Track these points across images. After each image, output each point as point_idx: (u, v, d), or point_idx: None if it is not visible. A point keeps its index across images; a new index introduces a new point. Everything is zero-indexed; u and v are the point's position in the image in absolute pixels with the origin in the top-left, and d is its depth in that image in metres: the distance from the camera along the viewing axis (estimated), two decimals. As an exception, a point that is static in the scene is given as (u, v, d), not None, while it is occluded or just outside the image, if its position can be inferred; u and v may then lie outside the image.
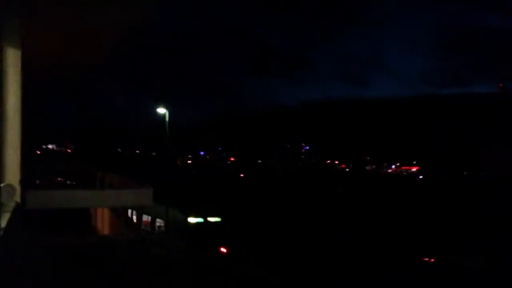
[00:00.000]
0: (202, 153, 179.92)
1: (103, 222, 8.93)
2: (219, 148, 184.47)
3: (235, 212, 28.22)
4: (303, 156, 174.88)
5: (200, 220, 20.41)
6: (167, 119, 39.50)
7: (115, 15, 7.12)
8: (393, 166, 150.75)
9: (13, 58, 4.99)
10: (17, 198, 4.80)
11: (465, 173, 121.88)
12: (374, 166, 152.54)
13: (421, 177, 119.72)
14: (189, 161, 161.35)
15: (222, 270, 9.16)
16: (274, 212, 35.29)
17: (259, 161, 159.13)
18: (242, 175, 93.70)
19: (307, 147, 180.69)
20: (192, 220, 19.60)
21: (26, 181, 5.38)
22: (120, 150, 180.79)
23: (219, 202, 34.69)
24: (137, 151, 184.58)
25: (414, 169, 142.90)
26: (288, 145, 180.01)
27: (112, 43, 8.80)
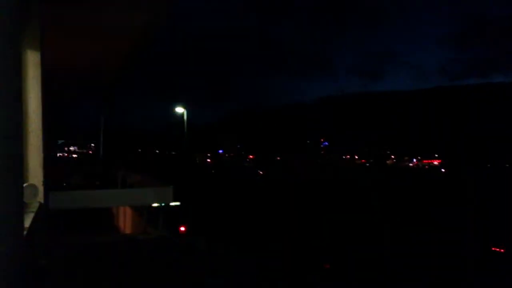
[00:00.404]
0: (221, 151, 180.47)
1: (125, 221, 9.01)
2: (238, 146, 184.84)
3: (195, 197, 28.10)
4: (322, 152, 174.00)
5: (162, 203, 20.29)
6: (185, 118, 39.79)
7: (133, 18, 7.16)
8: (414, 160, 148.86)
9: (33, 60, 5.04)
10: (41, 198, 4.86)
11: (488, 165, 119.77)
12: (394, 160, 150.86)
13: (443, 170, 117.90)
14: (208, 160, 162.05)
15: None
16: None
17: (278, 158, 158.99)
18: (261, 172, 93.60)
19: (326, 143, 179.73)
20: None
21: (49, 182, 5.44)
22: (140, 150, 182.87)
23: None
24: (157, 151, 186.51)
25: (436, 163, 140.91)
26: (308, 141, 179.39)
27: (131, 45, 8.84)
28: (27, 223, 3.51)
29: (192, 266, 7.28)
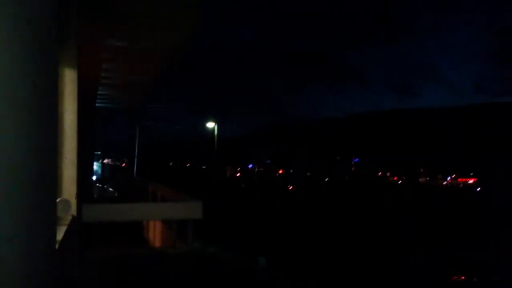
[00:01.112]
0: (250, 166, 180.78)
1: (155, 235, 9.11)
2: (268, 161, 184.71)
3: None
4: (353, 168, 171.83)
5: None
6: (216, 133, 40.21)
7: (166, 35, 7.34)
8: (449, 178, 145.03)
9: (69, 76, 5.21)
10: (74, 211, 4.98)
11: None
12: (428, 178, 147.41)
13: (478, 189, 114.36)
14: (238, 174, 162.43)
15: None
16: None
17: (308, 173, 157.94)
18: (290, 187, 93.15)
19: (357, 159, 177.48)
20: None
21: (82, 195, 5.57)
22: (171, 164, 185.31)
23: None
24: (188, 164, 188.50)
25: (471, 181, 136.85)
26: (338, 157, 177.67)
27: (164, 61, 9.03)
28: (60, 236, 3.59)
29: (220, 280, 7.27)
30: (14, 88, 1.59)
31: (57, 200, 3.88)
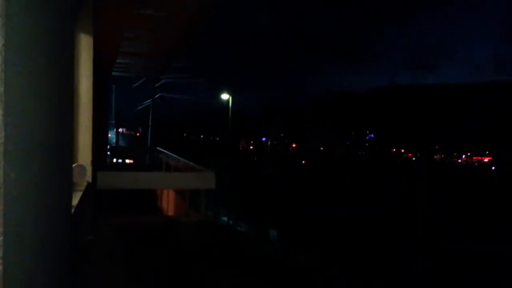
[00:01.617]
0: (264, 139, 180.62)
1: (168, 204, 9.23)
2: (281, 135, 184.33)
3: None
4: (366, 144, 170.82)
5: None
6: (230, 105, 40.10)
7: (184, 4, 7.25)
8: (464, 156, 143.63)
9: (85, 43, 5.20)
10: (89, 178, 5.05)
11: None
12: (442, 156, 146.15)
13: (493, 168, 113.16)
14: (251, 147, 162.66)
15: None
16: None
17: (322, 148, 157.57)
18: (303, 161, 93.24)
19: (371, 135, 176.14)
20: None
21: (97, 162, 5.64)
22: (185, 135, 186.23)
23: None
24: (201, 136, 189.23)
25: (486, 160, 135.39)
26: (353, 132, 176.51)
27: (182, 29, 8.95)
28: (75, 201, 3.65)
29: (231, 249, 7.38)
30: (28, 55, 1.59)
31: (73, 165, 3.93)
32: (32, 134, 1.59)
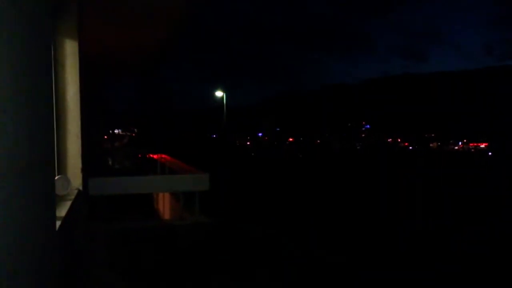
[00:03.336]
0: (260, 134, 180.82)
1: (164, 207, 9.17)
2: (277, 129, 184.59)
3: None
4: (363, 135, 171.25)
5: None
6: (225, 102, 39.99)
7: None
8: (460, 143, 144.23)
9: (70, 48, 5.09)
10: (79, 185, 4.96)
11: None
12: (439, 143, 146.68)
13: (490, 154, 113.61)
14: (248, 143, 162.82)
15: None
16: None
17: (318, 141, 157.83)
18: (300, 155, 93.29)
19: (368, 126, 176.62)
20: None
21: (88, 169, 5.54)
22: (182, 133, 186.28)
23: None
24: (197, 134, 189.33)
25: (482, 146, 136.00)
26: (349, 124, 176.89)
27: (169, 27, 8.83)
28: (63, 212, 3.57)
29: (228, 251, 7.32)
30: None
31: (56, 178, 3.84)
32: (3, 153, 1.49)
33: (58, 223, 3.04)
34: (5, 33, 1.60)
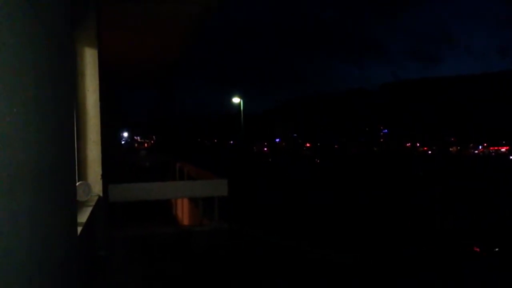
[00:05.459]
0: (277, 140, 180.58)
1: (183, 213, 9.20)
2: (294, 135, 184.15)
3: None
4: (381, 140, 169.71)
5: None
6: (242, 108, 40.10)
7: (186, 6, 7.20)
8: (480, 147, 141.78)
9: (90, 57, 5.17)
10: (99, 192, 5.02)
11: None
12: (458, 148, 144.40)
13: (511, 157, 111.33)
14: (265, 148, 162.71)
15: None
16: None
17: (336, 146, 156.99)
18: (318, 160, 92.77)
19: (385, 130, 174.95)
20: None
21: (108, 175, 5.61)
22: (199, 140, 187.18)
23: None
24: (215, 140, 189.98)
25: (503, 149, 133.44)
26: (367, 129, 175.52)
27: (187, 35, 8.90)
28: (84, 218, 3.61)
29: (246, 258, 7.31)
30: (20, 78, 1.52)
31: (77, 184, 3.89)
32: (23, 161, 1.52)
33: (79, 229, 3.08)
34: (28, 43, 1.64)
